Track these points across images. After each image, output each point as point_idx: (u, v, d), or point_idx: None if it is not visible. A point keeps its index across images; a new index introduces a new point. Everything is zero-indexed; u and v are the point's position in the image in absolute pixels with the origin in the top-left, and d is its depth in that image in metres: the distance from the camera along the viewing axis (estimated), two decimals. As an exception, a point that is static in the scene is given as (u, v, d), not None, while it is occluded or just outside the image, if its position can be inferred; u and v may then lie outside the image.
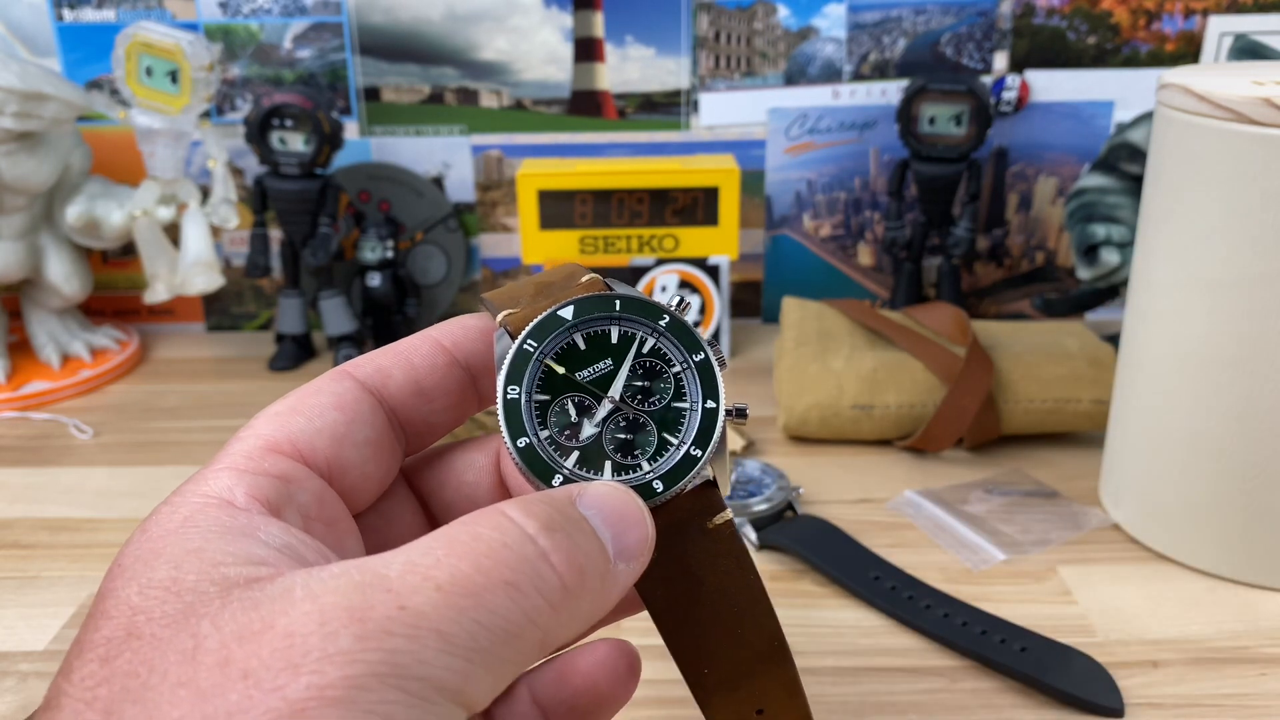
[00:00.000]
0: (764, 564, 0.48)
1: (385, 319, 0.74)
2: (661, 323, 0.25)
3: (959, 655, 0.42)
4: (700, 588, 0.23)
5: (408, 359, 0.25)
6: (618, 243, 0.71)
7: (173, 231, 0.69)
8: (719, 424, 0.24)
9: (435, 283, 0.78)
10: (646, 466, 0.24)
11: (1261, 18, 0.70)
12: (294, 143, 0.68)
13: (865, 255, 0.78)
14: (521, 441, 0.23)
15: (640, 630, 0.28)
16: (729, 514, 0.24)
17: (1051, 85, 0.73)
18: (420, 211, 0.76)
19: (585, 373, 0.24)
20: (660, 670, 0.38)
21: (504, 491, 0.27)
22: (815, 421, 0.58)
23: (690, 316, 0.26)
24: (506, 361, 0.24)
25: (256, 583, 0.18)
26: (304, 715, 0.16)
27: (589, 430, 0.24)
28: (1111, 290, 0.77)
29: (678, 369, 0.25)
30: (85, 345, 0.71)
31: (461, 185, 0.76)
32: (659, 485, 0.23)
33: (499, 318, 0.25)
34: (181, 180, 0.67)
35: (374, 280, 0.72)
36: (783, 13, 0.72)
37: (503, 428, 0.23)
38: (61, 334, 0.71)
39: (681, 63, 0.73)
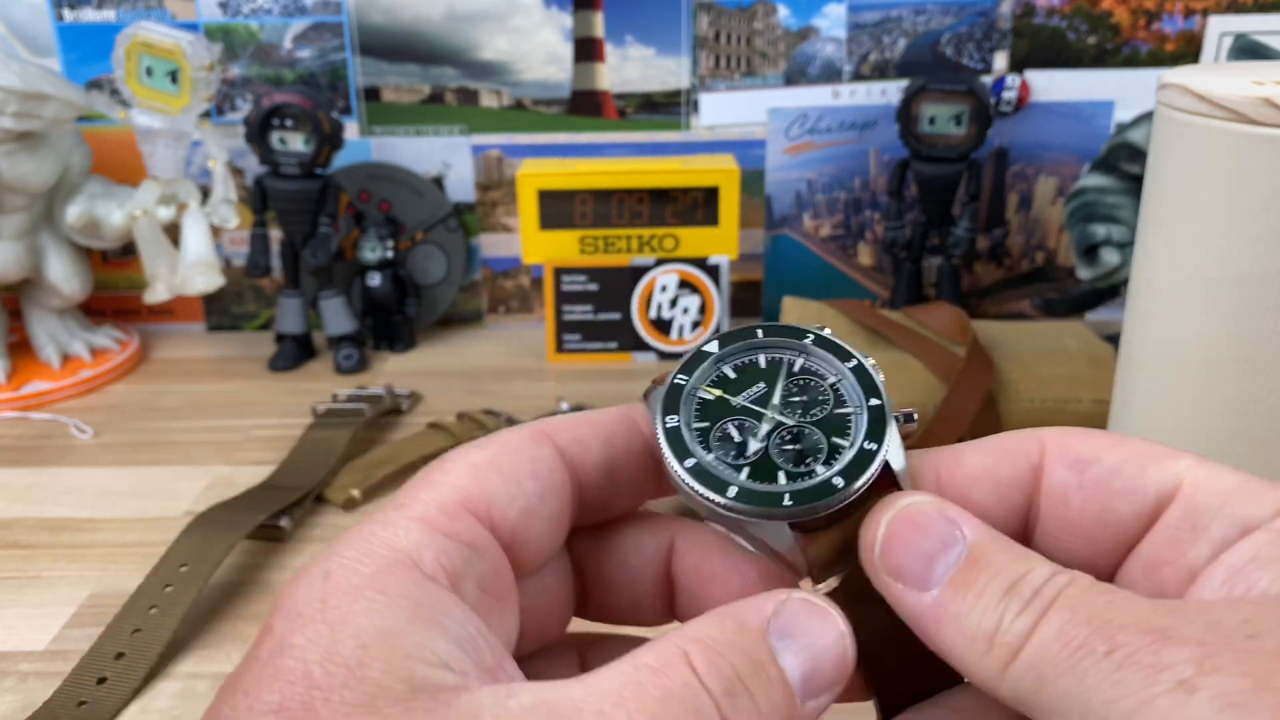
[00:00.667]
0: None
1: (385, 319, 0.74)
2: (807, 340, 0.24)
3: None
4: (891, 613, 0.21)
5: (609, 437, 0.24)
6: (618, 243, 0.71)
7: (173, 231, 0.69)
8: (889, 415, 0.23)
9: (435, 282, 0.78)
10: (821, 471, 0.22)
11: (1261, 18, 0.70)
12: (294, 143, 0.68)
13: (865, 255, 0.78)
14: (689, 462, 0.22)
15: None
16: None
17: (1051, 85, 0.73)
18: (420, 211, 0.76)
19: (740, 397, 0.24)
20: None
21: (668, 584, 0.25)
22: None
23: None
24: (661, 398, 0.23)
25: (443, 693, 0.18)
26: None
27: (755, 446, 0.23)
28: (1111, 290, 0.77)
29: (833, 380, 0.24)
30: (85, 345, 0.71)
31: (462, 185, 0.76)
32: (839, 481, 0.22)
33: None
34: (182, 180, 0.67)
35: (374, 280, 0.72)
36: (783, 12, 0.73)
37: (666, 454, 0.22)
38: (62, 334, 0.71)
39: (681, 63, 0.73)
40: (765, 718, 0.19)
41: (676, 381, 0.24)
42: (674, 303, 0.71)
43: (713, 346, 0.24)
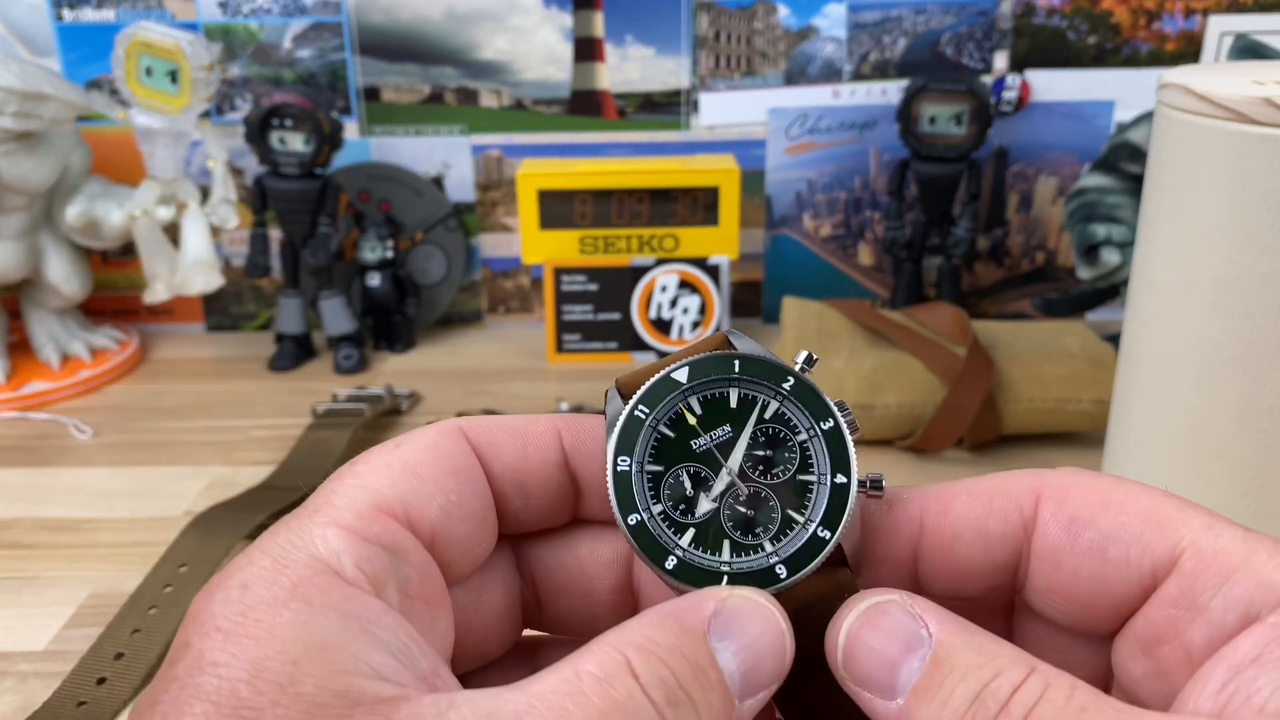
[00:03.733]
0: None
1: (385, 319, 0.74)
2: (786, 385, 0.22)
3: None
4: (828, 680, 0.21)
5: (524, 446, 0.23)
6: (618, 242, 0.71)
7: (172, 231, 0.69)
8: (850, 501, 0.22)
9: (435, 282, 0.78)
10: (769, 547, 0.21)
11: (1262, 17, 0.70)
12: (294, 143, 0.68)
13: (865, 255, 0.78)
14: (633, 519, 0.21)
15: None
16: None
17: (1052, 85, 0.73)
18: (420, 211, 0.76)
19: (702, 440, 0.22)
20: None
21: (629, 593, 0.24)
22: None
23: (810, 371, 0.23)
24: (617, 429, 0.22)
25: (382, 706, 0.17)
26: None
27: (706, 505, 0.22)
28: (1111, 290, 0.77)
29: (803, 437, 0.22)
30: (85, 345, 0.71)
31: (461, 185, 0.76)
32: (782, 571, 0.21)
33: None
34: (181, 180, 0.67)
35: (374, 280, 0.72)
36: (783, 12, 0.72)
37: (613, 502, 0.21)
38: (61, 334, 0.71)
39: (681, 62, 0.73)
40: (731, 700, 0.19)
41: (637, 414, 0.22)
42: (674, 303, 0.71)
43: (682, 374, 0.22)
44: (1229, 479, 0.45)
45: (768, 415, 0.22)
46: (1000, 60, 0.73)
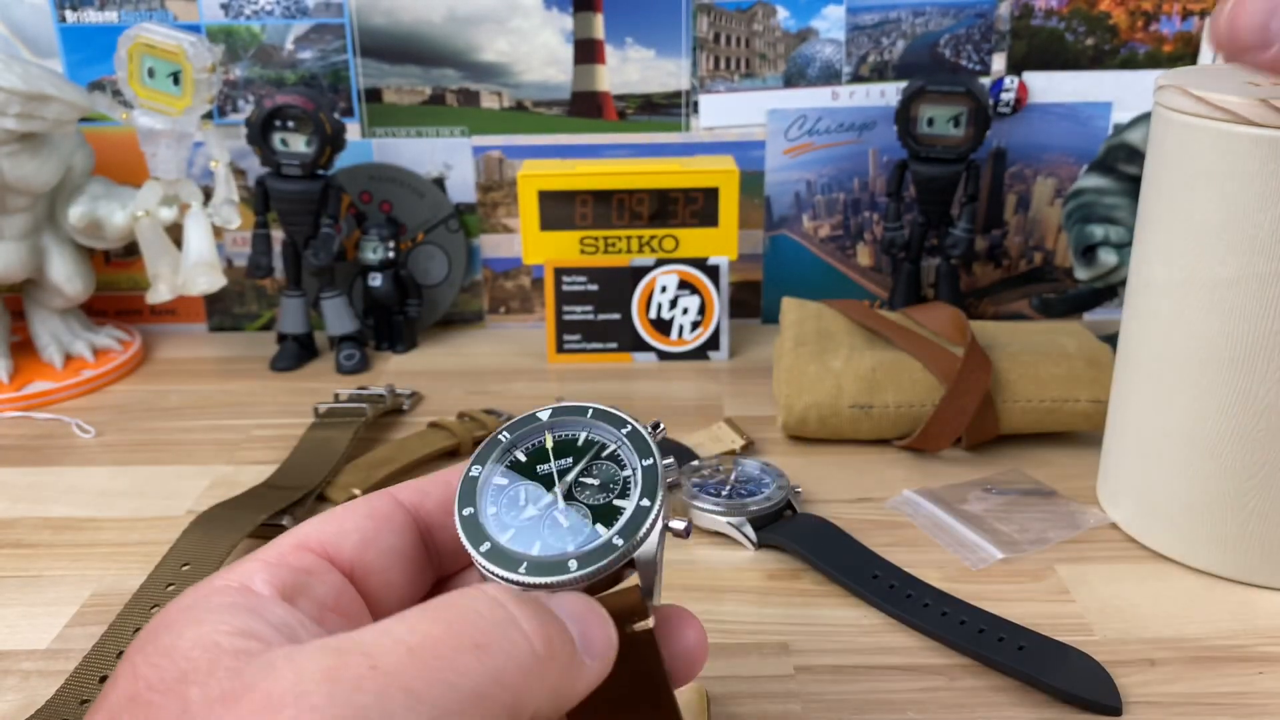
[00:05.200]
0: (763, 563, 0.48)
1: (387, 319, 0.75)
2: (624, 431, 0.27)
3: (957, 654, 0.42)
4: (609, 693, 0.23)
5: (447, 480, 0.27)
6: (618, 243, 0.71)
7: (175, 232, 0.69)
8: (649, 521, 0.25)
9: (436, 283, 0.78)
10: (570, 549, 0.25)
11: (1259, 19, 0.71)
12: (296, 144, 0.68)
13: (864, 256, 0.78)
14: (466, 511, 0.25)
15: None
16: (650, 622, 0.25)
17: (1050, 86, 0.73)
18: (421, 212, 0.76)
19: (545, 467, 0.26)
20: None
21: None
22: (814, 421, 0.58)
23: (655, 435, 0.28)
24: (482, 446, 0.27)
25: (245, 653, 0.20)
26: None
27: (530, 512, 0.25)
28: (1109, 290, 0.77)
29: (628, 473, 0.26)
30: (88, 345, 0.71)
31: (463, 186, 0.77)
32: (574, 565, 0.24)
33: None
34: (184, 181, 0.68)
35: (375, 280, 0.73)
36: (782, 14, 0.73)
37: (456, 499, 0.26)
38: (64, 334, 0.71)
39: (681, 64, 0.74)
40: (553, 633, 0.22)
41: (499, 437, 0.27)
42: (674, 303, 0.71)
43: (544, 414, 0.27)
44: (1226, 478, 0.46)
45: (604, 455, 0.27)
46: (998, 62, 0.73)
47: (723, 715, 0.39)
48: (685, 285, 0.71)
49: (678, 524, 0.26)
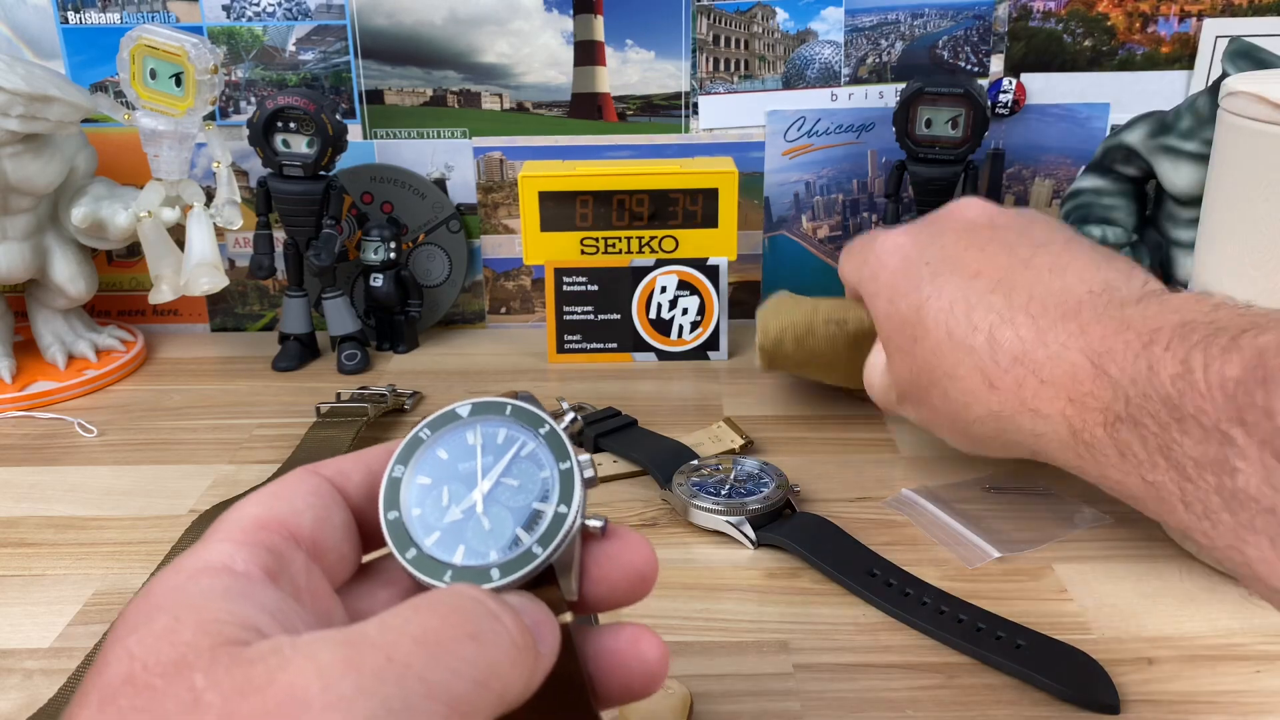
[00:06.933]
0: (762, 562, 0.49)
1: (388, 319, 0.75)
2: (542, 430, 0.27)
3: (956, 652, 0.42)
4: (551, 698, 0.24)
5: (367, 464, 0.27)
6: (618, 244, 0.71)
7: (177, 233, 0.69)
8: (565, 527, 0.25)
9: (437, 283, 0.78)
10: (493, 557, 0.25)
11: (1257, 20, 0.71)
12: (297, 145, 0.69)
13: (864, 257, 0.78)
14: (391, 515, 0.25)
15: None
16: (568, 617, 0.25)
17: (1047, 88, 0.73)
18: (422, 213, 0.77)
19: (467, 465, 0.26)
20: None
21: None
22: (790, 343, 0.58)
23: (572, 428, 0.28)
24: (402, 443, 0.27)
25: (246, 643, 0.20)
26: None
27: (454, 515, 0.26)
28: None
29: (546, 474, 0.26)
30: (90, 345, 0.71)
31: (463, 187, 0.77)
32: (495, 574, 0.25)
33: None
34: (186, 181, 0.68)
35: (377, 281, 0.73)
36: (781, 16, 0.73)
37: (380, 501, 0.26)
38: (67, 334, 0.71)
39: (681, 66, 0.74)
40: (527, 638, 0.22)
41: (419, 435, 0.27)
42: (674, 303, 0.72)
43: (464, 409, 0.27)
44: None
45: (524, 453, 0.27)
46: (996, 63, 0.73)
47: (723, 714, 0.39)
48: (685, 286, 0.71)
49: (594, 523, 0.27)
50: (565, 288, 0.72)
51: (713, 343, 0.72)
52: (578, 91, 0.75)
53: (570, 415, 0.28)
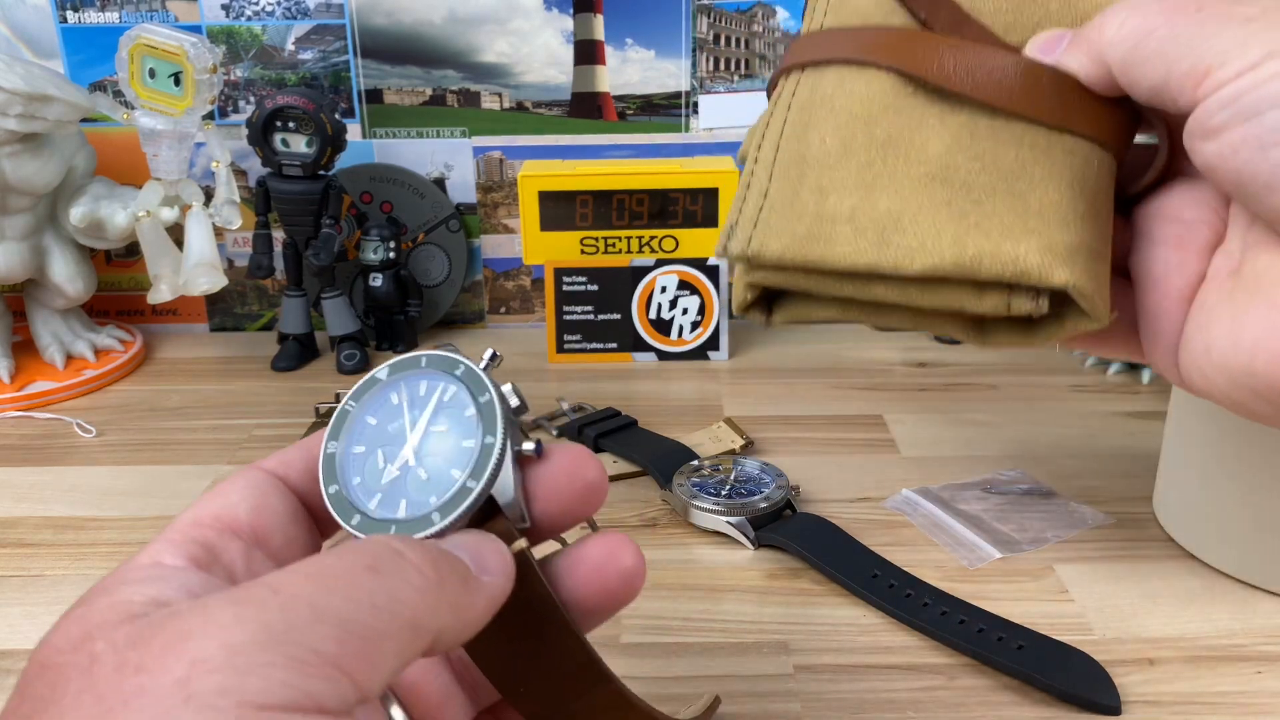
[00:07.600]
0: (763, 563, 0.48)
1: (387, 319, 0.75)
2: (457, 372, 0.27)
3: (957, 653, 0.42)
4: (499, 617, 0.24)
5: (308, 449, 0.28)
6: (618, 243, 0.71)
7: (176, 232, 0.69)
8: (494, 456, 0.25)
9: (437, 283, 0.78)
10: (433, 502, 0.25)
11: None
12: (297, 144, 0.69)
13: (864, 256, 0.78)
14: (332, 489, 0.26)
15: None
16: (522, 543, 0.25)
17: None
18: (422, 212, 0.77)
19: (396, 424, 0.27)
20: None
21: None
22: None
23: (492, 365, 0.28)
24: (332, 420, 0.27)
25: (149, 615, 0.20)
26: (189, 685, 0.18)
27: (391, 474, 0.26)
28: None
29: (470, 411, 0.26)
30: (89, 345, 0.71)
31: (463, 186, 0.77)
32: (436, 517, 0.25)
33: None
34: (185, 181, 0.68)
35: (376, 280, 0.73)
36: (782, 15, 0.73)
37: (320, 478, 0.26)
38: (65, 334, 0.71)
39: (681, 65, 0.74)
40: (440, 560, 0.23)
41: (346, 408, 0.27)
42: (674, 303, 0.72)
43: (383, 372, 0.27)
44: (1230, 478, 0.46)
45: (446, 399, 0.27)
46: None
47: (723, 715, 0.39)
48: (685, 285, 0.71)
49: (527, 446, 0.27)
50: (565, 287, 0.72)
51: (713, 343, 0.72)
52: (577, 91, 0.75)
53: (489, 353, 0.28)
